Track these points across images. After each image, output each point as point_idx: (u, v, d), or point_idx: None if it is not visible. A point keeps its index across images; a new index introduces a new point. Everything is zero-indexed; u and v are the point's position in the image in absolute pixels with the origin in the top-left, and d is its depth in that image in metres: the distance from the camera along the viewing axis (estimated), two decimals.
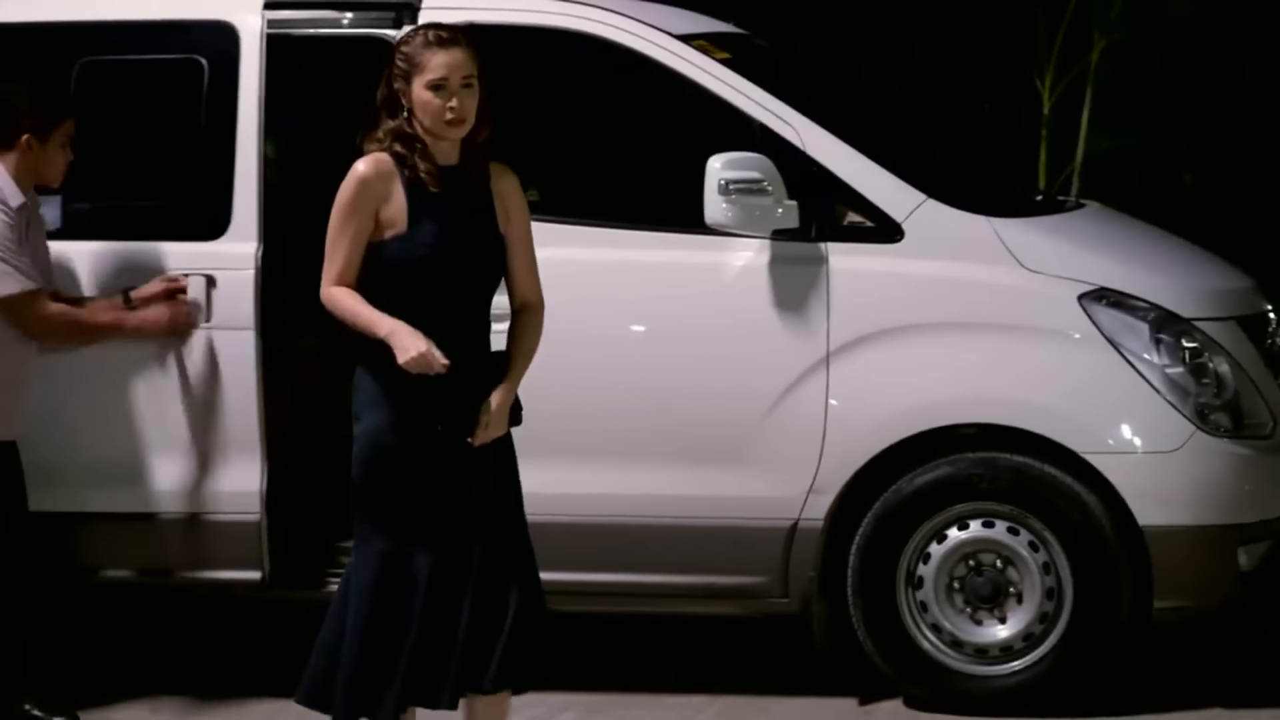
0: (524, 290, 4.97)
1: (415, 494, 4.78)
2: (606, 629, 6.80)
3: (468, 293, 4.86)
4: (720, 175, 5.84)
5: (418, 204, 4.80)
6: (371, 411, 4.82)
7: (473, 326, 4.88)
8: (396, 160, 4.82)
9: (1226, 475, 5.91)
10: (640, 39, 6.12)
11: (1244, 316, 6.18)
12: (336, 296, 4.83)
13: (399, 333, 4.71)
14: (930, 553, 5.99)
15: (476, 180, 4.89)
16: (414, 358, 4.66)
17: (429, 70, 4.78)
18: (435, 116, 4.79)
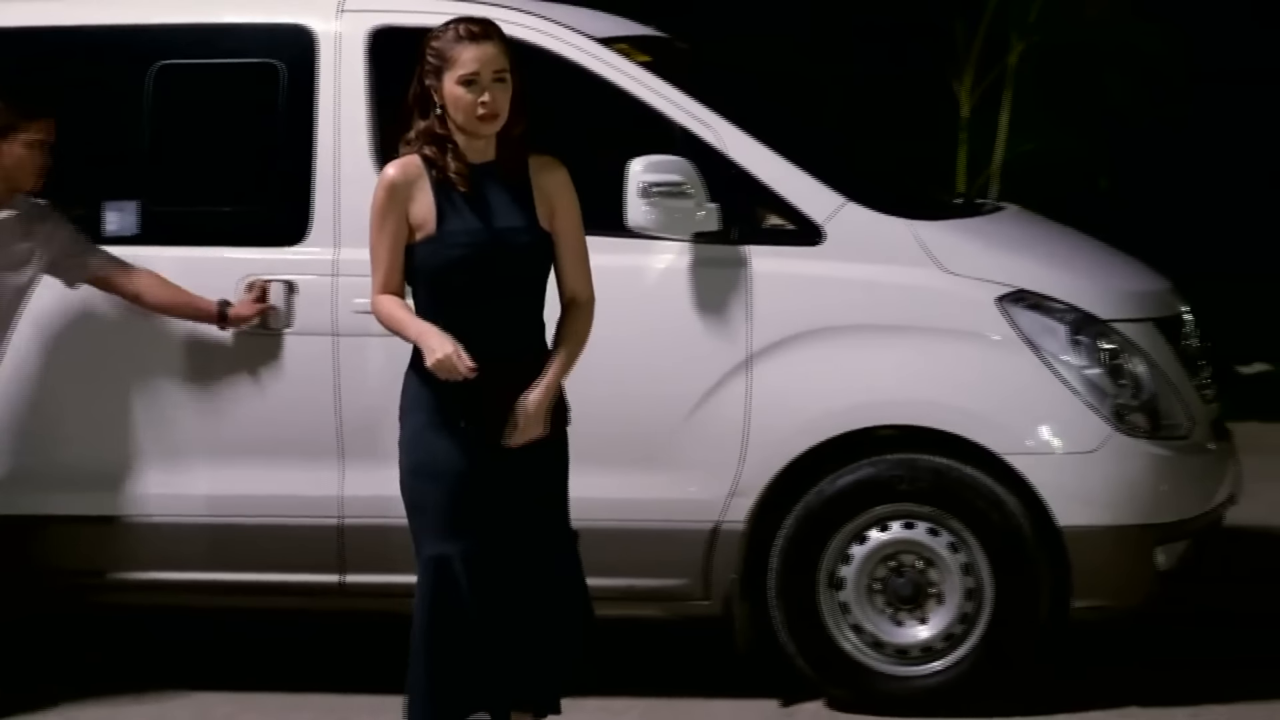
0: (571, 285, 4.91)
1: (458, 498, 4.76)
2: None
3: (507, 291, 4.80)
4: (641, 178, 5.85)
5: (446, 205, 4.76)
6: (414, 414, 4.82)
7: (519, 327, 4.84)
8: (425, 162, 4.78)
9: (1144, 475, 5.95)
10: (560, 42, 6.12)
11: (1161, 318, 6.22)
12: (380, 304, 4.83)
13: (426, 335, 4.71)
14: (851, 554, 6.01)
15: (513, 175, 4.83)
16: (439, 360, 4.65)
17: (460, 65, 4.74)
18: (467, 112, 4.74)
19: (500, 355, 4.74)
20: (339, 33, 6.23)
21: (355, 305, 6.06)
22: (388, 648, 5.74)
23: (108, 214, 6.26)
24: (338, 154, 6.15)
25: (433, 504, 4.78)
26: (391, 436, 6.03)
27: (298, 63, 6.22)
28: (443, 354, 4.65)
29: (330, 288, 6.12)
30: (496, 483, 4.78)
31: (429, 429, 4.79)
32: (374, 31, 6.22)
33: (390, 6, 6.29)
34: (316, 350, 6.12)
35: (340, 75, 6.19)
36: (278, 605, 6.38)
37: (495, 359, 4.72)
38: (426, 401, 4.78)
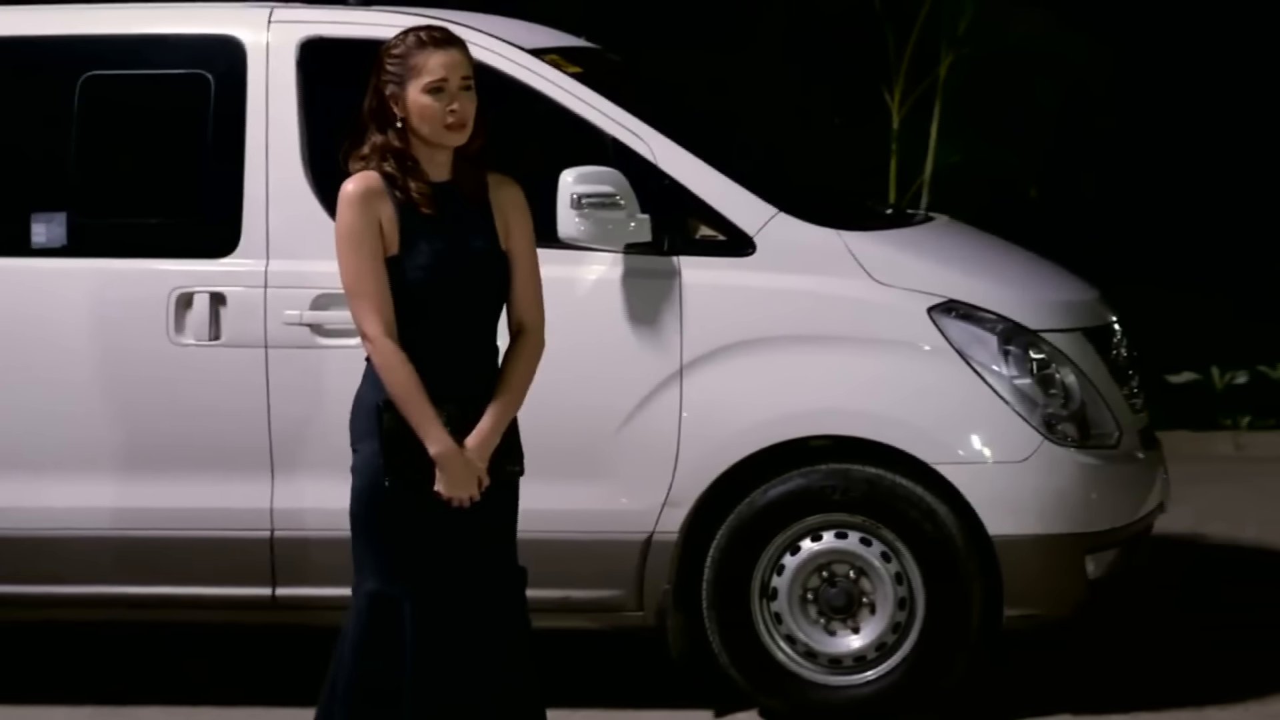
0: (521, 311, 4.61)
1: (409, 534, 4.49)
2: None
3: (469, 318, 4.54)
4: (573, 189, 5.84)
5: (409, 225, 4.47)
6: (365, 444, 4.52)
7: (477, 356, 4.56)
8: (386, 180, 4.49)
9: (1074, 485, 5.98)
10: (491, 53, 6.11)
11: (1090, 328, 6.26)
12: (390, 362, 4.44)
13: (450, 462, 4.42)
14: (784, 564, 6.02)
15: (473, 195, 4.58)
16: (455, 496, 4.42)
17: (426, 72, 4.49)
18: (435, 122, 4.49)
19: (458, 392, 4.47)
20: (269, 44, 6.20)
21: (286, 317, 6.04)
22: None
23: (35, 226, 6.22)
24: (268, 166, 6.12)
25: (380, 536, 4.52)
26: (322, 448, 6.05)
27: (227, 74, 6.19)
28: (467, 496, 4.44)
29: (260, 299, 6.09)
30: (453, 521, 4.50)
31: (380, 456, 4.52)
32: (304, 43, 6.21)
33: (320, 18, 6.29)
34: (247, 362, 6.09)
35: (270, 87, 6.17)
36: (209, 619, 6.35)
37: (454, 398, 4.46)
38: (378, 431, 4.49)
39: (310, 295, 6.06)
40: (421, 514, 4.49)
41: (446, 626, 4.53)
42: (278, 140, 6.13)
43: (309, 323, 6.06)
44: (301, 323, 6.06)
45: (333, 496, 6.00)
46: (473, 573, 4.57)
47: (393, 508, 4.50)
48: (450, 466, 4.45)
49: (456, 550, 4.54)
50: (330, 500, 6.00)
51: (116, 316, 6.15)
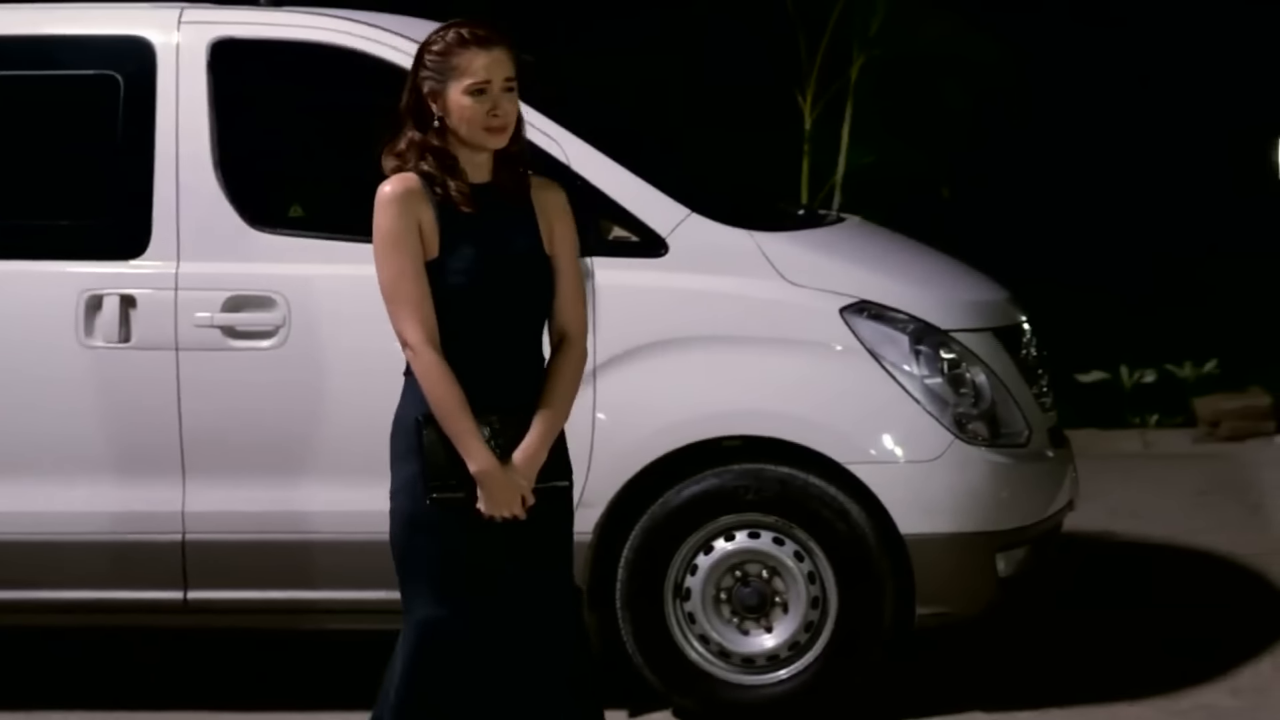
0: (564, 319, 4.42)
1: (458, 556, 4.30)
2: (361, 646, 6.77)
3: (514, 326, 4.35)
4: None
5: (450, 227, 4.28)
6: (406, 464, 4.34)
7: (524, 366, 4.37)
8: (424, 179, 4.31)
9: (985, 483, 6.02)
10: (396, 51, 6.09)
11: (1000, 327, 6.30)
12: (433, 373, 4.26)
13: (492, 480, 4.24)
14: (698, 564, 6.03)
15: (516, 196, 4.39)
16: (498, 512, 4.25)
17: (469, 73, 4.29)
18: (475, 125, 4.30)
19: (501, 403, 4.29)
20: (179, 44, 6.17)
21: (197, 319, 6.01)
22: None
23: None
24: (178, 167, 6.09)
25: (428, 561, 4.32)
26: (235, 450, 6.03)
27: (137, 75, 6.15)
28: (509, 512, 4.25)
29: (171, 302, 6.05)
30: (501, 541, 4.32)
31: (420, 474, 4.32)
32: (215, 43, 6.17)
33: (231, 18, 6.26)
34: (157, 364, 6.05)
35: (180, 87, 6.13)
36: (120, 623, 6.30)
37: (500, 408, 4.29)
38: (418, 448, 4.32)
39: (221, 297, 6.03)
40: (467, 534, 4.30)
41: (503, 651, 4.34)
42: (188, 141, 6.10)
43: (220, 325, 6.03)
44: (212, 325, 6.03)
45: (245, 499, 6.03)
46: (525, 594, 4.36)
47: (436, 529, 4.30)
48: (492, 484, 4.26)
49: (507, 570, 4.34)
50: (243, 503, 6.02)
51: (25, 318, 6.10)
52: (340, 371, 6.03)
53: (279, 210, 6.53)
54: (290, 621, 6.25)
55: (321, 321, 6.04)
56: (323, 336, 6.04)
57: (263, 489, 6.03)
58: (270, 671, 6.80)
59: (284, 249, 6.10)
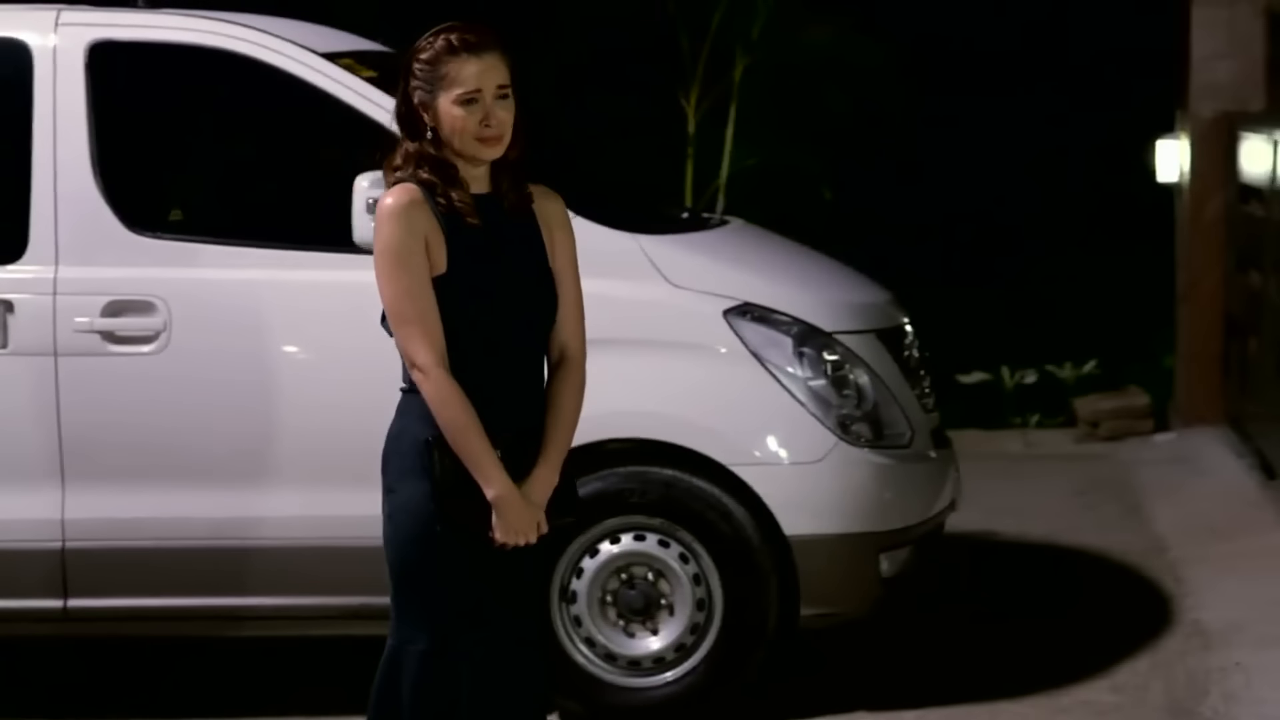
0: (565, 336, 4.24)
1: (462, 582, 4.12)
2: (265, 652, 6.73)
3: (522, 342, 4.17)
4: (368, 194, 5.79)
5: (457, 241, 4.07)
6: (410, 482, 4.13)
7: (529, 384, 4.20)
8: (425, 189, 4.09)
9: (868, 484, 6.05)
10: (285, 57, 6.06)
11: (882, 329, 6.34)
12: (445, 395, 4.04)
13: (510, 506, 4.06)
14: (583, 567, 6.03)
15: (518, 208, 4.19)
16: (512, 537, 4.07)
17: (459, 82, 4.08)
18: (467, 136, 4.09)
19: (511, 424, 4.12)
20: (56, 47, 6.10)
21: (76, 324, 5.95)
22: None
23: None
24: (56, 170, 6.02)
25: (430, 587, 4.14)
26: (115, 457, 5.96)
27: (13, 77, 6.08)
28: (523, 540, 4.08)
29: (50, 306, 5.98)
30: (507, 563, 4.16)
31: (431, 501, 4.12)
32: (93, 46, 6.11)
33: (109, 21, 6.20)
34: (36, 370, 5.98)
35: (58, 90, 6.06)
36: None
37: (508, 430, 4.11)
38: (428, 471, 4.11)
39: (101, 302, 5.97)
40: (474, 561, 4.12)
41: (503, 680, 4.21)
42: (66, 145, 6.03)
43: (100, 330, 5.97)
44: (92, 329, 5.97)
45: (125, 506, 5.97)
46: (516, 622, 4.25)
47: (443, 555, 4.11)
48: (510, 510, 4.08)
49: (506, 599, 4.21)
50: (123, 510, 5.96)
51: None
52: (222, 376, 5.98)
53: (159, 214, 6.47)
54: (173, 629, 6.19)
55: (203, 326, 5.99)
56: (204, 341, 5.99)
57: (143, 495, 5.97)
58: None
59: (164, 253, 6.04)
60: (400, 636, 4.20)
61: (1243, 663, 6.44)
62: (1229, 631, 6.79)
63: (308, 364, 6.04)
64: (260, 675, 6.74)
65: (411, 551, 4.15)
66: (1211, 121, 10.14)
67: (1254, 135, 9.35)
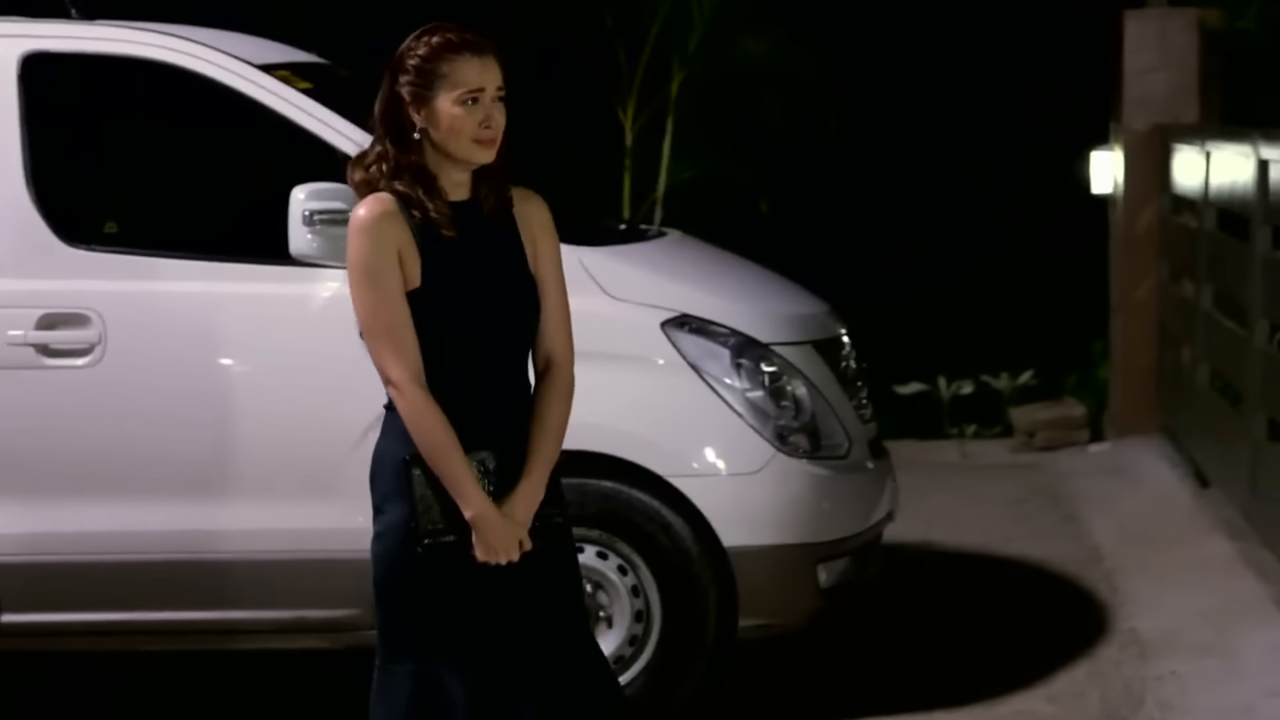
0: (550, 343, 4.13)
1: (447, 602, 4.01)
2: (168, 666, 6.70)
3: (502, 354, 4.06)
4: (304, 206, 5.79)
5: (431, 253, 3.96)
6: (393, 502, 4.02)
7: (512, 396, 4.08)
8: (399, 200, 3.96)
9: (806, 495, 6.07)
10: (221, 69, 6.04)
11: (820, 340, 6.36)
12: (420, 411, 3.93)
13: (488, 525, 3.95)
14: None
15: (499, 215, 4.07)
16: (492, 559, 3.95)
17: (462, 81, 3.96)
18: (464, 137, 3.97)
19: (491, 437, 4.01)
20: None
21: (10, 337, 5.91)
22: None
23: None
24: None
25: (420, 611, 4.01)
26: (49, 471, 5.92)
27: None
28: (505, 558, 3.95)
29: None
30: (499, 586, 4.03)
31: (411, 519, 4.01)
32: (26, 56, 6.07)
33: (42, 32, 6.16)
34: None
35: None
36: None
37: (490, 443, 4.00)
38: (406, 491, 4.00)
39: (35, 315, 5.94)
40: (459, 580, 4.01)
41: (505, 703, 4.05)
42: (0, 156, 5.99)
43: (34, 343, 5.93)
44: (26, 343, 5.93)
45: (61, 519, 5.92)
46: (530, 639, 4.07)
47: (427, 575, 4.00)
48: (488, 529, 3.97)
49: (505, 615, 4.05)
50: (59, 524, 5.92)
51: None
52: (158, 389, 5.95)
53: (94, 226, 6.44)
54: (108, 644, 6.15)
55: (138, 339, 5.96)
56: (140, 354, 5.96)
57: (79, 510, 5.93)
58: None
59: (99, 265, 6.01)
60: (384, 655, 4.10)
61: (1178, 671, 6.48)
62: (1164, 640, 6.83)
63: (245, 376, 6.01)
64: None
65: (395, 572, 4.04)
66: (1145, 134, 10.21)
67: (1186, 147, 9.42)
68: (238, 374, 6.02)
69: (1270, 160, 7.42)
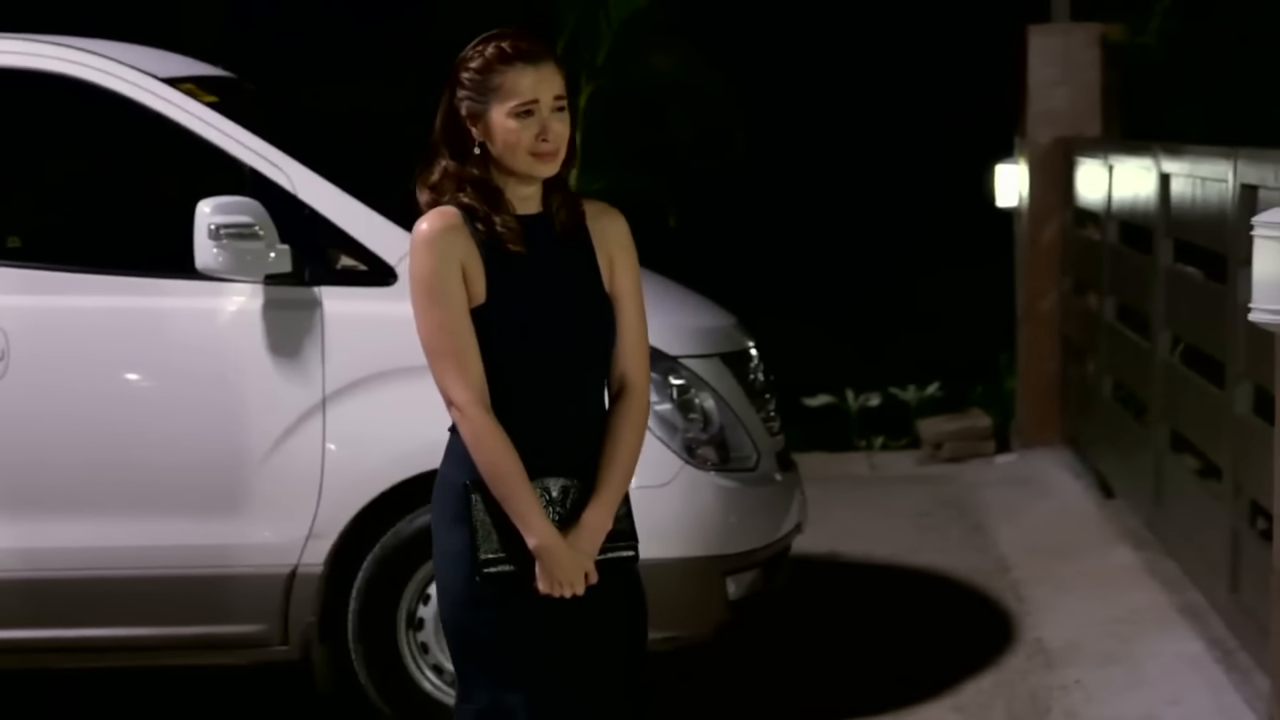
0: (626, 366, 3.90)
1: (525, 634, 3.84)
2: (103, 682, 6.65)
3: (572, 377, 3.86)
4: (210, 220, 5.77)
5: (498, 269, 3.78)
6: (453, 530, 3.85)
7: (582, 419, 3.87)
8: (465, 212, 3.80)
9: (714, 507, 6.08)
10: (123, 82, 6.00)
11: (728, 353, 6.38)
12: (483, 435, 3.75)
13: (553, 555, 3.77)
14: (430, 594, 6.01)
15: (571, 229, 3.88)
16: (557, 591, 3.79)
17: (515, 92, 3.79)
18: (522, 151, 3.79)
19: (559, 464, 3.84)
20: None
21: None
22: None
23: None
24: None
25: (484, 643, 3.85)
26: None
27: None
28: (569, 591, 3.78)
29: None
30: (563, 619, 3.86)
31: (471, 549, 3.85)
32: None
33: None
34: None
35: None
36: None
37: (557, 470, 3.83)
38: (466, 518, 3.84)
39: None
40: (519, 612, 3.85)
41: None
42: None
43: None
44: None
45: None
46: (588, 673, 3.92)
47: (491, 607, 3.84)
48: (552, 560, 3.80)
49: (567, 650, 3.89)
50: None
51: None
52: (62, 405, 5.91)
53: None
54: (12, 662, 6.10)
55: (42, 354, 5.92)
56: (44, 370, 5.91)
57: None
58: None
59: (1, 280, 5.96)
60: (460, 693, 3.96)
61: (1083, 680, 6.54)
62: (1069, 649, 6.89)
63: (151, 392, 5.98)
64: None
65: (458, 605, 3.89)
66: (1049, 147, 10.30)
67: (1090, 160, 9.51)
68: (143, 389, 5.98)
69: (1172, 174, 7.50)
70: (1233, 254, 6.36)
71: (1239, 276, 6.18)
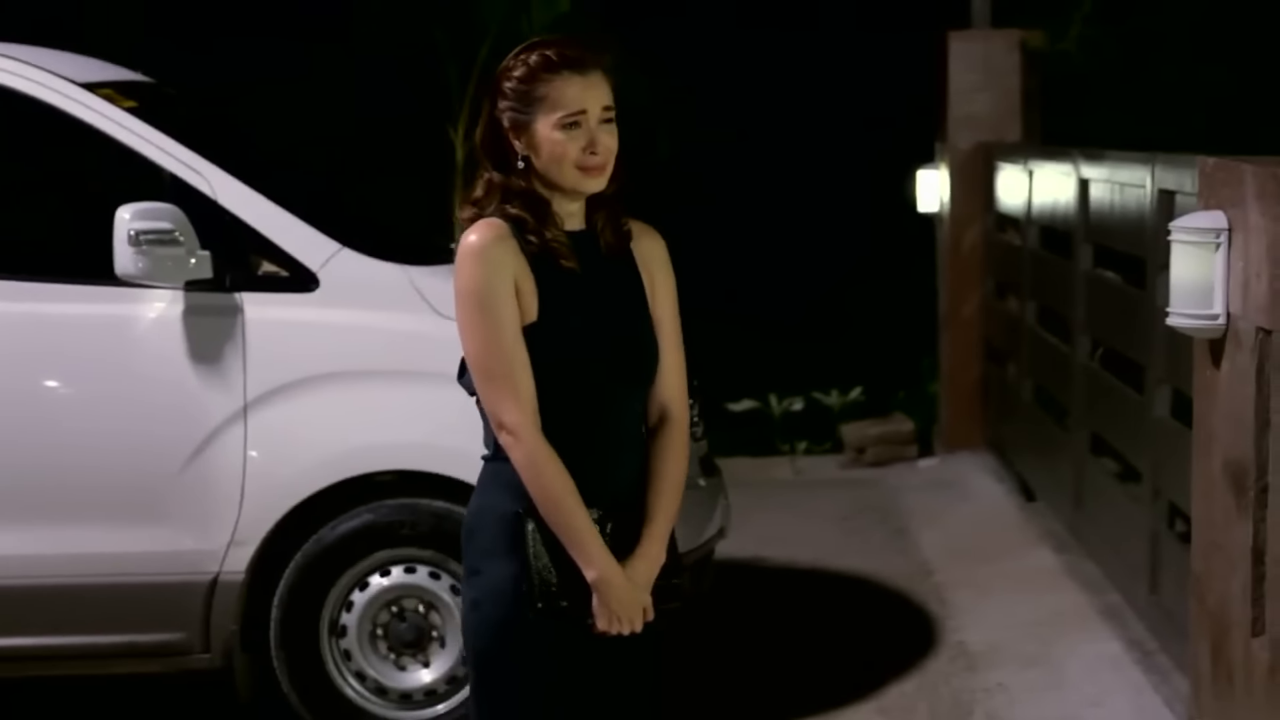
0: (667, 393, 3.72)
1: (555, 675, 3.65)
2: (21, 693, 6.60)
3: (623, 401, 3.67)
4: (130, 226, 5.73)
5: (550, 284, 3.59)
6: (498, 562, 3.63)
7: (630, 445, 3.69)
8: (514, 226, 3.60)
9: None
10: (40, 86, 5.96)
11: None
12: (539, 461, 3.55)
13: (614, 588, 3.57)
14: (353, 601, 5.99)
15: (617, 247, 3.70)
16: (614, 624, 3.59)
17: (561, 103, 3.59)
18: (568, 164, 3.61)
19: (609, 492, 3.65)
20: None
21: None
22: None
23: None
24: None
25: (523, 679, 3.65)
26: None
27: None
28: (628, 628, 3.59)
29: None
30: (605, 658, 3.69)
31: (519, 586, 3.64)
32: None
33: None
34: None
35: None
36: None
37: (605, 500, 3.64)
38: (517, 549, 3.62)
39: None
40: (569, 649, 3.65)
41: None
42: None
43: None
44: None
45: None
46: (621, 711, 3.75)
47: (537, 643, 3.63)
48: (613, 594, 3.59)
49: (605, 688, 3.72)
50: None
51: None
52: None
53: None
54: None
55: None
56: None
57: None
58: None
59: None
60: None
61: (1005, 683, 6.57)
62: (992, 652, 6.92)
63: (69, 399, 5.93)
64: None
65: (498, 640, 3.66)
66: (969, 152, 10.36)
67: (1010, 165, 9.57)
68: (61, 397, 5.94)
69: (1090, 179, 7.55)
70: (1151, 258, 6.41)
71: (1157, 281, 6.23)
